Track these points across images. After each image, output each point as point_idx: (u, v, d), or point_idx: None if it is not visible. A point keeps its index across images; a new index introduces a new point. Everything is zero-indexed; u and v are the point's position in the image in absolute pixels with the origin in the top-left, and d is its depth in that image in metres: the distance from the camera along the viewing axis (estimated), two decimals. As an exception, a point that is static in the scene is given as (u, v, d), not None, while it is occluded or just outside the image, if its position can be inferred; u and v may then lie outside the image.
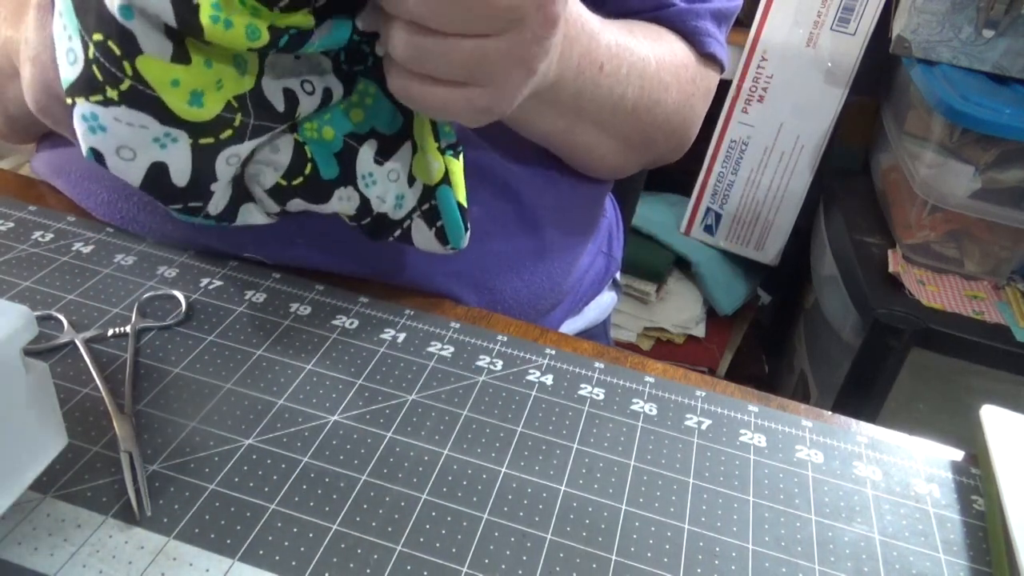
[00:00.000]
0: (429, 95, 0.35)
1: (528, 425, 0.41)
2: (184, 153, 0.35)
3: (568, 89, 0.45)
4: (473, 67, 0.33)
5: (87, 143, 0.35)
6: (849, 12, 1.30)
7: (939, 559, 0.37)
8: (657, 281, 1.43)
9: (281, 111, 0.37)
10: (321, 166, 0.40)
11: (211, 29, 0.31)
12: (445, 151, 0.40)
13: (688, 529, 0.37)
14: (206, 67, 0.33)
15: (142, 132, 0.34)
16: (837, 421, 0.45)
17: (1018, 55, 1.11)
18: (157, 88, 0.33)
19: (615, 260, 0.70)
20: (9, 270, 0.46)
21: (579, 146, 0.53)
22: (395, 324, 0.47)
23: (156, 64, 0.32)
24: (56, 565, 0.31)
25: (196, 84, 0.34)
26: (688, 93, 0.54)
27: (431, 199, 0.42)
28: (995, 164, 1.05)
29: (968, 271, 1.14)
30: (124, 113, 0.33)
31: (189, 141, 0.35)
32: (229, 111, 0.35)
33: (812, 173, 1.38)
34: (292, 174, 0.40)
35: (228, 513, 0.34)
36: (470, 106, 0.35)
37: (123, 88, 0.33)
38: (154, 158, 0.35)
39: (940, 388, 1.08)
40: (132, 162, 0.35)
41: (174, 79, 0.33)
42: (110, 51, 0.32)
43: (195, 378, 0.41)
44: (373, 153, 0.41)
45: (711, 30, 0.55)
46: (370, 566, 0.33)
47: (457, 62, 0.33)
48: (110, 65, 0.32)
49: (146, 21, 0.31)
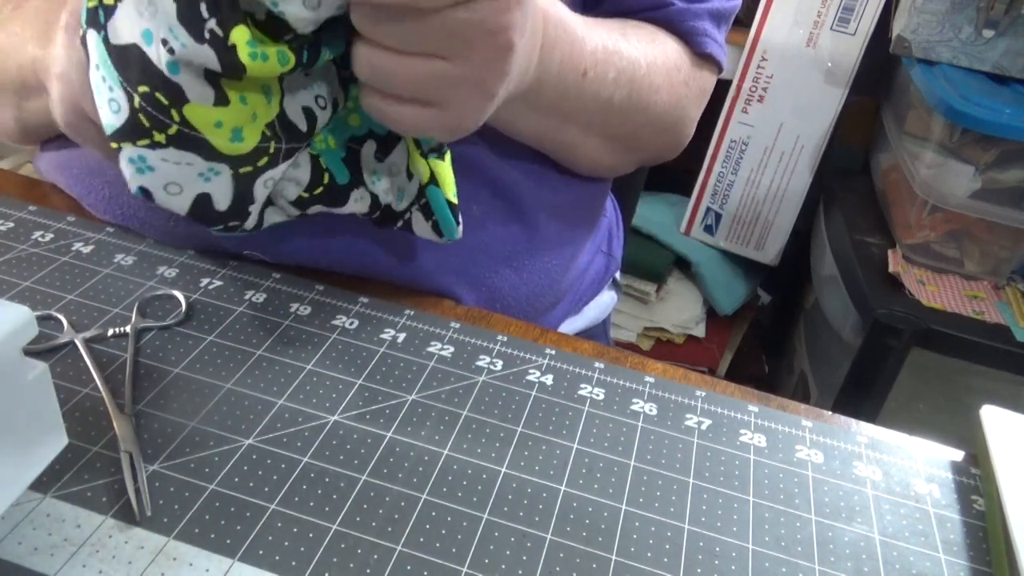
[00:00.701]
0: (395, 113, 0.36)
1: (528, 425, 0.41)
2: (226, 183, 0.37)
3: (549, 94, 0.46)
4: (428, 88, 0.35)
5: (135, 183, 0.36)
6: (849, 12, 1.30)
7: (939, 559, 0.37)
8: (657, 281, 1.43)
9: (304, 130, 0.39)
10: (336, 174, 0.42)
11: (251, 65, 0.33)
12: (428, 155, 0.42)
13: (688, 529, 0.37)
14: (242, 104, 0.35)
15: (188, 169, 0.36)
16: (837, 421, 0.45)
17: (1018, 55, 1.11)
18: (202, 131, 0.35)
19: (615, 260, 0.70)
20: (9, 270, 0.46)
21: (568, 146, 0.53)
22: (395, 324, 0.47)
23: (201, 110, 0.34)
24: (56, 565, 0.31)
25: (236, 122, 0.36)
26: (680, 95, 0.54)
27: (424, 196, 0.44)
28: (995, 164, 1.05)
29: (968, 271, 1.14)
30: (171, 154, 0.35)
31: (231, 172, 0.37)
32: (264, 140, 0.37)
33: (812, 173, 1.38)
34: (313, 186, 0.42)
35: (228, 513, 0.34)
36: (436, 124, 0.37)
37: (170, 132, 0.35)
38: (199, 190, 0.37)
39: (940, 388, 1.08)
40: (179, 196, 0.37)
41: (217, 121, 0.35)
42: (157, 101, 0.34)
43: (195, 378, 0.41)
44: (373, 152, 0.43)
45: (708, 30, 0.55)
46: (370, 566, 0.33)
47: (411, 82, 0.34)
48: (157, 113, 0.34)
49: (191, 72, 0.33)
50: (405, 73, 0.34)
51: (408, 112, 0.36)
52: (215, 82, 0.34)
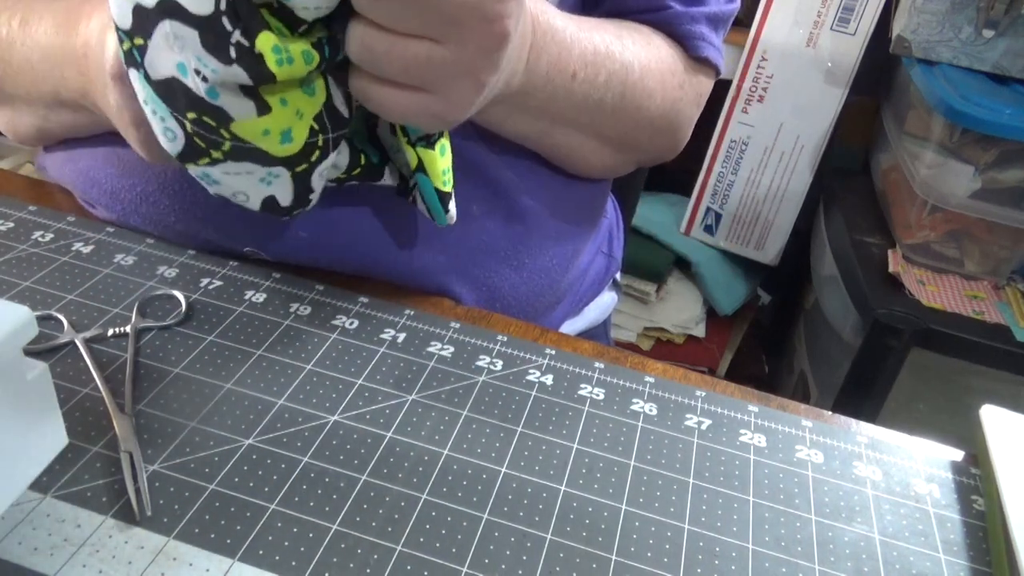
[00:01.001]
0: (384, 97, 0.36)
1: (528, 425, 0.41)
2: (287, 183, 0.39)
3: (537, 96, 0.46)
4: (420, 71, 0.35)
5: (211, 192, 0.39)
6: (849, 12, 1.30)
7: (939, 559, 0.37)
8: (657, 281, 1.43)
9: (347, 116, 0.39)
10: (369, 154, 0.44)
11: (279, 71, 0.34)
12: (416, 143, 0.42)
13: (688, 529, 0.37)
14: (283, 106, 0.36)
15: (249, 177, 0.38)
16: (837, 421, 0.45)
17: (1018, 55, 1.11)
18: (254, 141, 0.36)
19: (615, 260, 0.70)
20: (9, 270, 0.46)
21: (560, 147, 0.53)
22: (395, 324, 0.47)
23: (248, 124, 0.36)
24: (56, 565, 0.31)
25: (283, 125, 0.37)
26: (674, 98, 0.54)
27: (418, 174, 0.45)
28: (995, 164, 1.05)
29: (968, 271, 1.14)
30: (231, 167, 0.37)
31: (289, 173, 0.39)
32: (312, 135, 0.38)
33: (812, 173, 1.38)
34: (351, 168, 0.43)
35: (228, 513, 0.34)
36: (423, 111, 0.36)
37: (225, 148, 0.36)
38: (264, 194, 0.39)
39: (940, 388, 1.08)
40: (248, 201, 0.39)
41: (265, 129, 0.36)
42: (206, 124, 0.35)
43: (195, 378, 0.41)
44: (388, 128, 0.44)
45: (706, 34, 0.55)
46: (370, 566, 0.33)
47: (403, 64, 0.34)
48: (209, 135, 0.36)
49: (228, 92, 0.34)
50: (398, 54, 0.34)
51: (396, 96, 0.36)
52: (253, 94, 0.35)
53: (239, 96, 0.35)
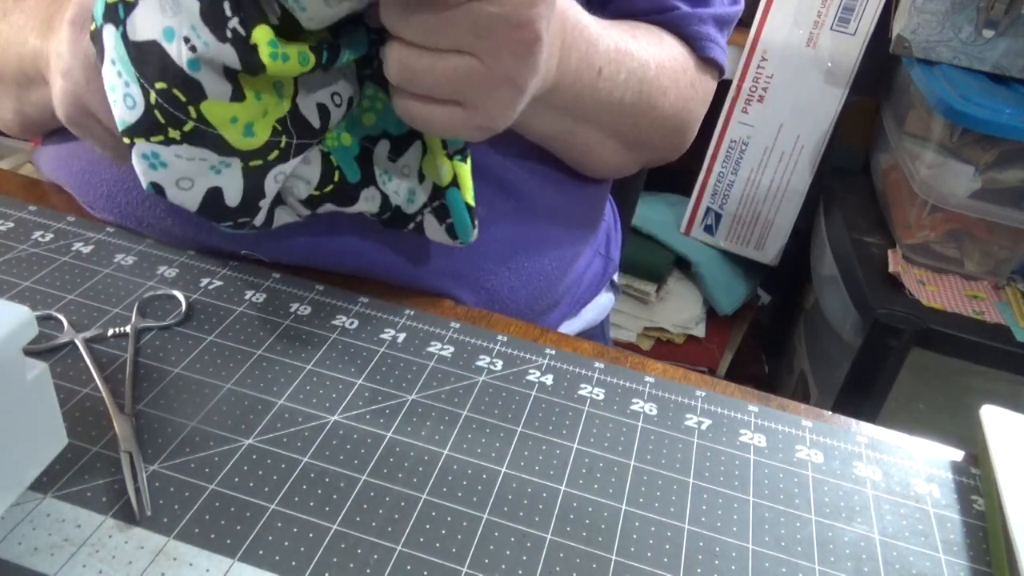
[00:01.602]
0: (428, 114, 0.36)
1: (528, 425, 0.41)
2: (236, 176, 0.38)
3: (567, 93, 0.46)
4: (459, 86, 0.35)
5: (147, 178, 0.37)
6: (849, 12, 1.30)
7: (939, 559, 0.37)
8: (657, 281, 1.43)
9: (317, 126, 0.39)
10: (347, 171, 0.43)
11: (271, 65, 0.33)
12: (453, 156, 0.42)
13: (688, 529, 0.37)
14: (256, 100, 0.36)
15: (200, 164, 0.37)
16: (837, 421, 0.45)
17: (1018, 55, 1.11)
18: (218, 127, 0.35)
19: (613, 262, 0.70)
20: (9, 270, 0.46)
21: (579, 146, 0.53)
22: (395, 324, 0.47)
23: (218, 106, 0.35)
24: (56, 565, 0.31)
25: (249, 117, 0.36)
26: (687, 97, 0.55)
27: (441, 198, 0.44)
28: (995, 164, 1.05)
29: (968, 271, 1.14)
30: (185, 150, 0.36)
31: (241, 165, 0.37)
32: (275, 135, 0.37)
33: (812, 173, 1.38)
34: (323, 183, 0.42)
35: (228, 513, 0.34)
36: (467, 124, 0.37)
37: (186, 129, 0.35)
38: (210, 184, 0.37)
39: (940, 388, 1.08)
40: (190, 191, 0.37)
41: (232, 116, 0.35)
42: (175, 98, 0.34)
43: (195, 378, 0.41)
44: (386, 152, 0.43)
45: (712, 35, 0.55)
46: (370, 566, 0.33)
47: (442, 80, 0.35)
48: (174, 110, 0.34)
49: (211, 70, 0.34)
50: (436, 71, 0.34)
51: (439, 112, 0.36)
52: (233, 78, 0.34)
53: (219, 76, 0.34)
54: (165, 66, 0.33)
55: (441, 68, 0.34)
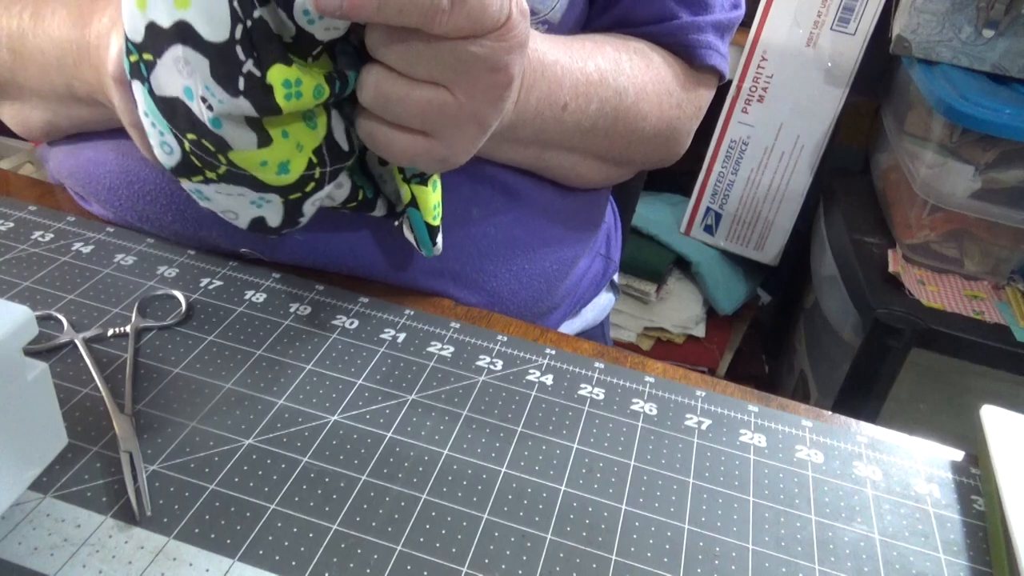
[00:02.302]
0: (391, 140, 0.37)
1: (528, 425, 0.41)
2: (277, 208, 0.40)
3: (527, 128, 0.47)
4: (430, 116, 0.36)
5: (202, 206, 0.39)
6: (849, 12, 1.30)
7: (939, 559, 0.37)
8: (657, 281, 1.43)
9: (347, 150, 0.40)
10: (364, 188, 0.44)
11: (286, 105, 0.34)
12: (410, 180, 0.42)
13: (688, 529, 0.37)
14: (284, 139, 0.36)
15: (240, 199, 0.38)
16: (837, 421, 0.45)
17: (1018, 55, 1.11)
18: (250, 170, 0.36)
19: (612, 262, 0.70)
20: (9, 270, 0.46)
21: (553, 168, 0.54)
22: (395, 324, 0.47)
23: (245, 154, 0.36)
24: (56, 565, 0.31)
25: (281, 157, 0.37)
26: (671, 117, 0.55)
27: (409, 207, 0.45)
28: (995, 164, 1.05)
29: (968, 271, 1.14)
30: (224, 188, 0.37)
31: (281, 200, 0.39)
32: (310, 168, 0.38)
33: (812, 173, 1.38)
34: (348, 202, 0.43)
35: (228, 513, 0.34)
36: (427, 154, 0.37)
37: (221, 172, 0.36)
38: (254, 215, 0.40)
39: (940, 388, 1.08)
40: (237, 220, 0.40)
41: (263, 161, 0.36)
42: (204, 147, 0.35)
43: (195, 378, 0.41)
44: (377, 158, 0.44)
45: (712, 42, 0.56)
46: (370, 566, 0.33)
47: (414, 108, 0.35)
48: (206, 156, 0.35)
49: (232, 123, 0.34)
50: (409, 99, 0.35)
51: (403, 139, 0.37)
52: (256, 125, 0.35)
53: (242, 126, 0.35)
54: (192, 120, 0.34)
55: (415, 97, 0.35)
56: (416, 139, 0.37)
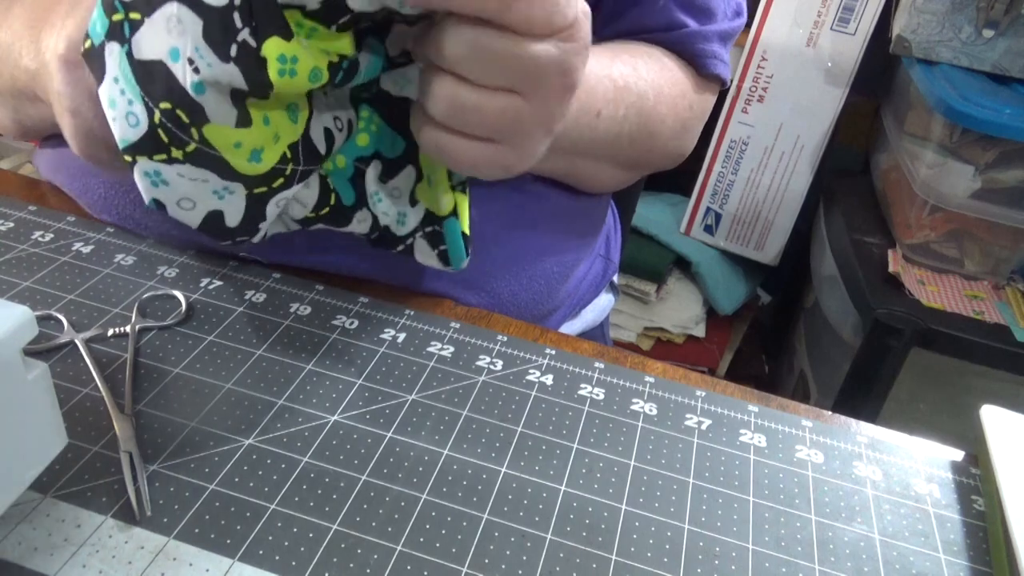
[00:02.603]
0: (459, 149, 0.35)
1: (528, 425, 0.41)
2: (239, 202, 0.37)
3: (565, 139, 0.47)
4: (502, 124, 0.35)
5: (149, 195, 0.36)
6: (849, 12, 1.30)
7: (939, 559, 0.37)
8: (657, 281, 1.43)
9: (323, 152, 0.38)
10: (342, 194, 0.42)
11: (279, 82, 0.32)
12: (456, 187, 0.42)
13: (688, 529, 0.37)
14: (264, 125, 0.35)
15: (203, 185, 0.36)
16: (837, 421, 0.45)
17: (1018, 55, 1.11)
18: (221, 151, 0.35)
19: (612, 263, 0.70)
20: (9, 270, 0.46)
21: (577, 176, 0.55)
22: (395, 324, 0.47)
23: (221, 130, 0.34)
24: (56, 565, 0.31)
25: (256, 143, 0.35)
26: (684, 119, 0.56)
27: (435, 225, 0.43)
28: (995, 164, 1.05)
29: (968, 271, 1.14)
30: (187, 170, 0.35)
31: (244, 192, 0.37)
32: (282, 162, 0.37)
33: (812, 173, 1.38)
34: (320, 206, 0.42)
35: (228, 513, 0.34)
36: (494, 163, 0.36)
37: (188, 150, 0.34)
38: (212, 207, 0.37)
39: (940, 388, 1.08)
40: (191, 211, 0.37)
41: (237, 142, 0.35)
42: (178, 118, 0.33)
43: (195, 378, 0.41)
44: (378, 173, 0.42)
45: (717, 51, 0.57)
46: (370, 566, 0.33)
47: (489, 118, 0.34)
48: (177, 130, 0.34)
49: (216, 92, 0.33)
50: (484, 108, 0.34)
51: (472, 148, 0.35)
52: (240, 102, 0.34)
53: (225, 100, 0.33)
54: (170, 86, 0.33)
55: (491, 106, 0.34)
56: (485, 147, 0.35)
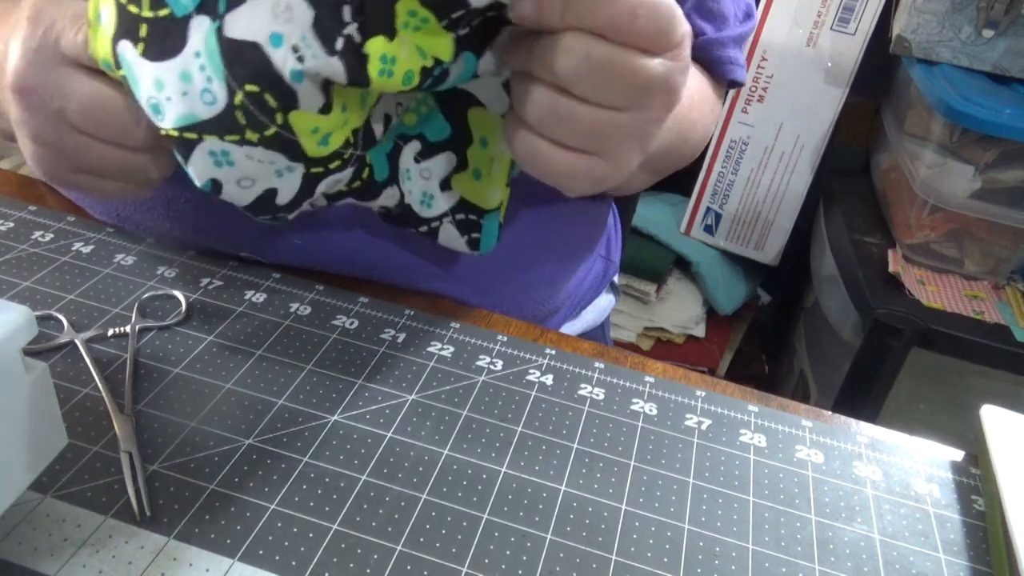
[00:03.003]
0: (554, 159, 0.35)
1: (528, 425, 0.41)
2: (296, 180, 0.37)
3: None
4: (600, 137, 0.34)
5: (207, 175, 0.35)
6: (849, 12, 1.30)
7: (939, 559, 0.37)
8: (657, 281, 1.43)
9: (378, 137, 0.38)
10: (376, 168, 0.42)
11: (377, 80, 0.32)
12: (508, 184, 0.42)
13: (688, 529, 0.37)
14: (341, 112, 0.35)
15: (268, 166, 0.36)
16: (837, 421, 0.45)
17: (1018, 55, 1.11)
18: (299, 135, 0.34)
19: (613, 264, 0.70)
20: (9, 270, 0.46)
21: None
22: (395, 324, 0.47)
23: (305, 116, 0.34)
24: (56, 565, 0.31)
25: (330, 128, 0.35)
26: (707, 124, 0.56)
27: (469, 213, 0.43)
28: (995, 164, 1.05)
29: (968, 271, 1.14)
30: (259, 152, 0.35)
31: (303, 171, 0.37)
32: (345, 146, 0.37)
33: (812, 173, 1.38)
34: (353, 179, 0.41)
35: (228, 513, 0.34)
36: (588, 175, 0.35)
37: (267, 133, 0.34)
38: (269, 185, 0.37)
39: (940, 388, 1.08)
40: (249, 189, 0.36)
41: (315, 127, 0.34)
42: (264, 102, 0.33)
43: (195, 378, 0.41)
44: (415, 152, 0.42)
45: (733, 56, 0.57)
46: (370, 566, 0.33)
47: (587, 130, 0.34)
48: (259, 113, 0.33)
49: (312, 82, 0.32)
50: (585, 120, 0.33)
51: (566, 159, 0.35)
52: (327, 90, 0.33)
53: (317, 88, 0.33)
54: (262, 70, 0.32)
55: (593, 118, 0.33)
56: (580, 159, 0.35)
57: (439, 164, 0.42)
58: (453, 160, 0.42)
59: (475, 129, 0.41)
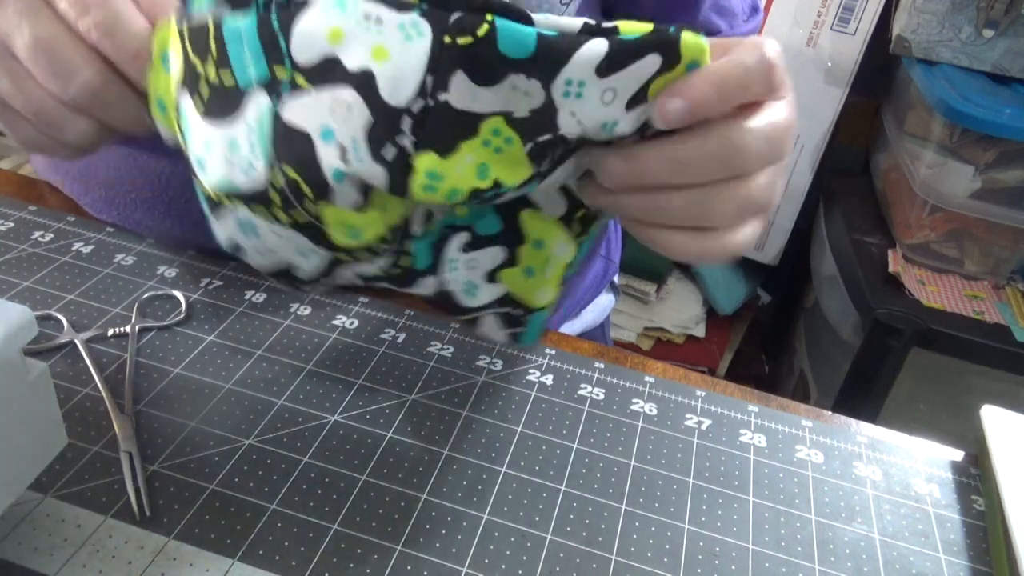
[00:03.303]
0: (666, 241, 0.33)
1: (528, 425, 0.41)
2: (318, 263, 0.36)
3: None
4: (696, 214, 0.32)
5: (233, 238, 0.35)
6: (849, 12, 1.30)
7: (939, 559, 0.37)
8: (657, 281, 1.43)
9: (418, 233, 0.37)
10: (418, 257, 0.40)
11: (417, 193, 0.31)
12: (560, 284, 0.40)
13: (688, 529, 0.37)
14: (379, 211, 0.34)
15: (290, 244, 0.35)
16: (837, 421, 0.45)
17: (1018, 55, 1.11)
18: (329, 226, 0.33)
19: (612, 263, 0.70)
20: (9, 270, 0.46)
21: None
22: (395, 324, 0.47)
23: (338, 212, 0.33)
24: (56, 565, 0.31)
25: (362, 225, 0.34)
26: None
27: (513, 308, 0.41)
28: (995, 164, 1.05)
29: (968, 271, 1.14)
30: (284, 231, 0.34)
31: (330, 257, 0.36)
32: (378, 241, 0.35)
33: (812, 173, 1.38)
34: (391, 267, 0.40)
35: (228, 513, 0.34)
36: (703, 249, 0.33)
37: (296, 218, 0.33)
38: (289, 261, 0.36)
39: (940, 388, 1.08)
40: (266, 258, 0.36)
41: (347, 222, 0.33)
42: (300, 191, 0.32)
43: (195, 378, 0.41)
44: (462, 243, 0.40)
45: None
46: (370, 566, 0.33)
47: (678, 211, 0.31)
48: (293, 199, 0.32)
49: (351, 184, 0.31)
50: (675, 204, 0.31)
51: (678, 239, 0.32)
52: (366, 192, 0.32)
53: (356, 190, 0.32)
54: (306, 160, 0.31)
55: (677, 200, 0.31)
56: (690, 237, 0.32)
57: (488, 256, 0.40)
58: (502, 255, 0.40)
59: (528, 230, 0.39)
